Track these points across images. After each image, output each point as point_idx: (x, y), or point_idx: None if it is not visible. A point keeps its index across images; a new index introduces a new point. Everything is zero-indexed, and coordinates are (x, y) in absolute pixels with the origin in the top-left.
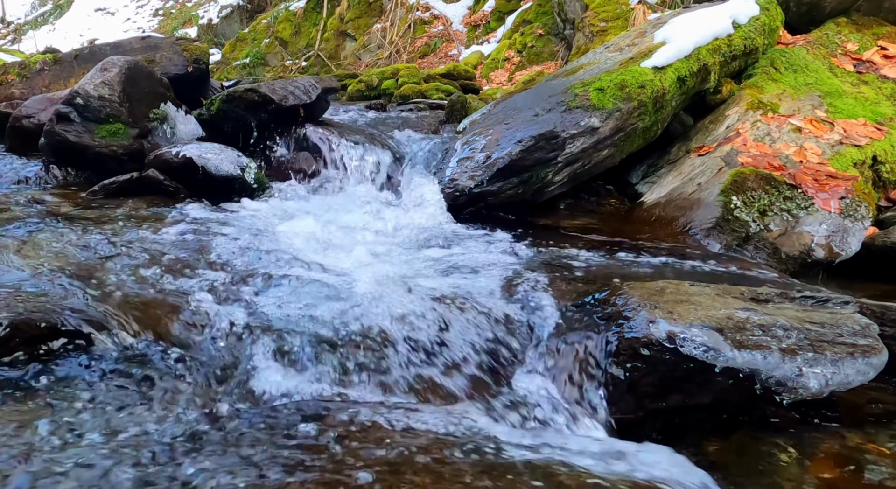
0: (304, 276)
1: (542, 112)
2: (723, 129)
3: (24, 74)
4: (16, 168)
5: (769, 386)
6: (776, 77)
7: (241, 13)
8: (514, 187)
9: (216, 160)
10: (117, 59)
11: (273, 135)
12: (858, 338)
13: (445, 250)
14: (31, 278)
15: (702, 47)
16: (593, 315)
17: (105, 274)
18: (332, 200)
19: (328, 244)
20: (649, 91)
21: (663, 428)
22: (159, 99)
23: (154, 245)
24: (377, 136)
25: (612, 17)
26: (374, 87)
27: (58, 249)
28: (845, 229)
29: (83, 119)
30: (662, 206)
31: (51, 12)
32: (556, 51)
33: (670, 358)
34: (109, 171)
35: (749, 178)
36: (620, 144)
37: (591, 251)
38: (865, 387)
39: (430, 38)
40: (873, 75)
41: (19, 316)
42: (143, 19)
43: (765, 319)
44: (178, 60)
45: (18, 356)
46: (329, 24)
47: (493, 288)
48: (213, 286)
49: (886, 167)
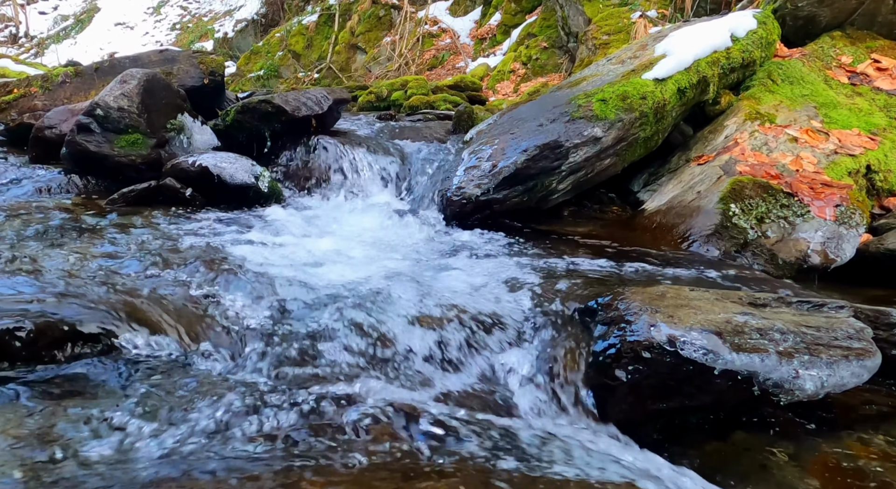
0: (319, 285)
1: (547, 122)
2: (721, 138)
3: (47, 87)
4: (38, 177)
5: (767, 387)
6: (773, 88)
7: (255, 27)
8: (519, 195)
9: (231, 169)
10: (136, 72)
11: (286, 144)
12: (853, 342)
13: (452, 257)
14: (54, 283)
15: (701, 60)
16: (596, 319)
17: (124, 278)
18: (342, 207)
19: (340, 250)
20: (650, 102)
21: (664, 429)
22: (176, 110)
23: (171, 251)
24: (386, 145)
25: (614, 30)
26: (384, 98)
27: (79, 255)
28: (840, 236)
29: (103, 129)
30: (663, 214)
31: (72, 27)
32: (560, 63)
33: (671, 360)
34: (128, 179)
35: (747, 187)
36: (622, 154)
37: (593, 257)
38: (860, 389)
39: (437, 51)
40: (867, 87)
41: (43, 319)
42: (160, 33)
43: (762, 323)
44: (194, 73)
45: (42, 356)
46: (340, 37)
47: (499, 293)
48: (229, 291)
49: (880, 176)
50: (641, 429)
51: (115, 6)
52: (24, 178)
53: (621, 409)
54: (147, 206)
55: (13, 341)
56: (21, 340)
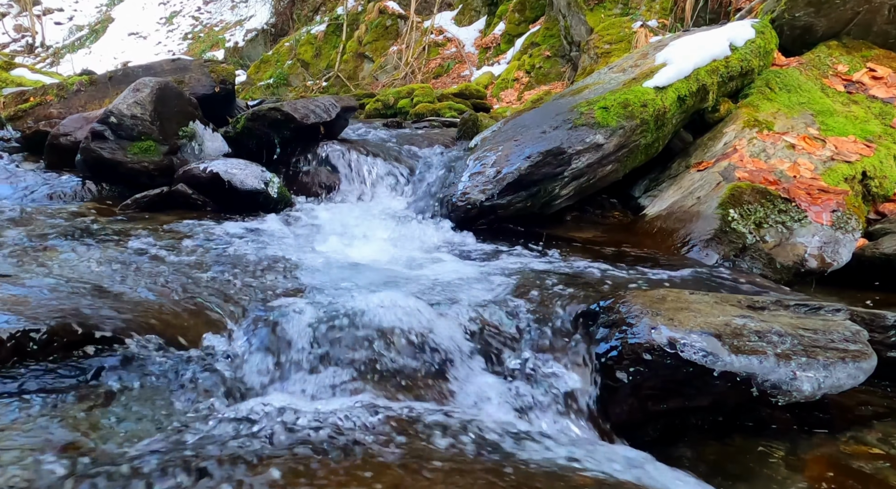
0: (331, 288)
1: (550, 129)
2: (721, 145)
3: (62, 95)
4: (54, 183)
5: (765, 389)
6: (771, 97)
7: (265, 37)
8: (523, 200)
9: (241, 175)
10: (149, 81)
11: (295, 151)
12: (849, 344)
13: (457, 260)
14: (68, 286)
15: (701, 68)
16: (598, 322)
17: (137, 282)
18: (350, 212)
19: (350, 254)
20: (651, 110)
21: (664, 429)
22: (188, 117)
23: (183, 255)
24: (393, 152)
25: (615, 39)
26: (391, 105)
27: (93, 259)
28: (837, 241)
29: (117, 137)
30: (664, 219)
31: (87, 37)
32: (563, 71)
33: (671, 362)
34: (141, 185)
35: (745, 192)
36: (624, 160)
37: (596, 261)
38: (856, 391)
39: (443, 60)
40: (863, 95)
41: (57, 321)
42: (173, 43)
43: (761, 326)
44: (205, 81)
45: (56, 357)
46: (348, 46)
47: (504, 297)
48: (236, 294)
49: (875, 182)
50: (642, 429)
51: (128, 17)
52: (40, 183)
53: (623, 410)
54: (159, 211)
55: (28, 342)
56: (36, 342)
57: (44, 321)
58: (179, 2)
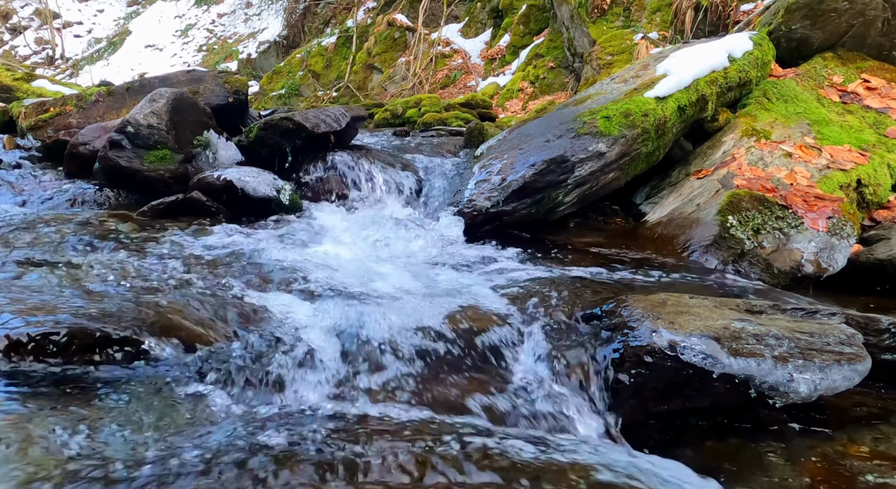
0: (343, 294)
1: (554, 138)
2: (719, 153)
3: (81, 105)
4: (73, 190)
5: (763, 390)
6: (768, 106)
7: (277, 48)
8: (527, 207)
9: (254, 183)
10: (165, 91)
11: (306, 159)
12: (844, 347)
13: (464, 266)
14: (86, 291)
15: (700, 79)
16: (601, 325)
17: (153, 286)
18: (360, 219)
19: (359, 260)
20: (652, 119)
21: (664, 430)
22: (202, 127)
23: (198, 261)
24: (401, 160)
25: (617, 51)
26: (399, 115)
27: (110, 265)
28: (832, 246)
29: (134, 146)
30: (664, 225)
31: (105, 49)
32: (566, 82)
33: (671, 365)
34: (157, 193)
35: (744, 199)
36: (625, 168)
37: (598, 266)
38: (851, 392)
39: (450, 71)
40: (857, 105)
41: (76, 325)
42: (188, 54)
43: (759, 329)
44: (219, 91)
45: (75, 360)
46: (358, 57)
47: (508, 299)
48: (251, 300)
49: (870, 190)
50: (644, 429)
51: (145, 29)
52: (60, 191)
53: (624, 411)
54: (175, 217)
55: (48, 345)
56: (56, 344)
57: (63, 324)
58: (195, 15)
